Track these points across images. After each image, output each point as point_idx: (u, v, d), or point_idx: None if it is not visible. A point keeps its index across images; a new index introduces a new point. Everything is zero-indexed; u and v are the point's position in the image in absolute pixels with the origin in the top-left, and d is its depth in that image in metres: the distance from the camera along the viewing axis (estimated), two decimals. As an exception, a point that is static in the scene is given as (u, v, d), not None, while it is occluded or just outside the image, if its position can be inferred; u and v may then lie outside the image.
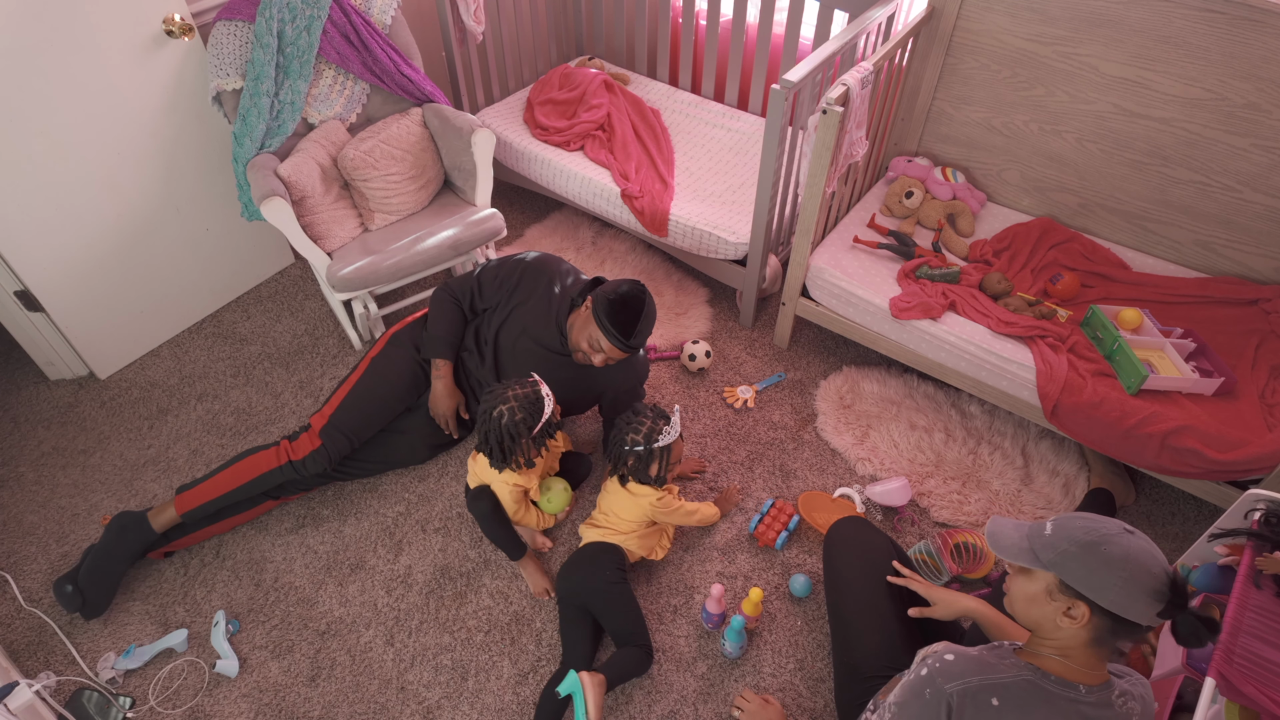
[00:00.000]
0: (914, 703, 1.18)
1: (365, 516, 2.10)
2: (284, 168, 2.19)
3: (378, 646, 1.85)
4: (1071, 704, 1.11)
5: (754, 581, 1.97)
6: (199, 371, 2.48)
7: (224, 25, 2.17)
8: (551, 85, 2.99)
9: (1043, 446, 2.24)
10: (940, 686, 1.15)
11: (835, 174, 2.15)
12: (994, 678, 1.14)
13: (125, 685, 1.79)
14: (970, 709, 1.13)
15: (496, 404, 1.77)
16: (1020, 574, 1.19)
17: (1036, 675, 1.14)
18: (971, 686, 1.14)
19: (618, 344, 1.83)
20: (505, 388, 1.79)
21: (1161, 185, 2.31)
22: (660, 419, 1.82)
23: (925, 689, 1.17)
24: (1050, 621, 1.14)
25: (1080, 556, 1.09)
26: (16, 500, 2.13)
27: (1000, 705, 1.12)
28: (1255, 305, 2.20)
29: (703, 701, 1.76)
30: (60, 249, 2.17)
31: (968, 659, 1.18)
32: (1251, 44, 1.99)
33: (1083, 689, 1.12)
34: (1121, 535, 1.09)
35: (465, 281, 2.06)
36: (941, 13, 2.37)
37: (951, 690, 1.14)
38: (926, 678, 1.18)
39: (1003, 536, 1.19)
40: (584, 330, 1.89)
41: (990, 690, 1.13)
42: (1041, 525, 1.17)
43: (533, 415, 1.76)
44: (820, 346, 2.58)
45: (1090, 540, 1.09)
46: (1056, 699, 1.12)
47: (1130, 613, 1.06)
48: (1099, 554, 1.08)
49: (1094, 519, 1.13)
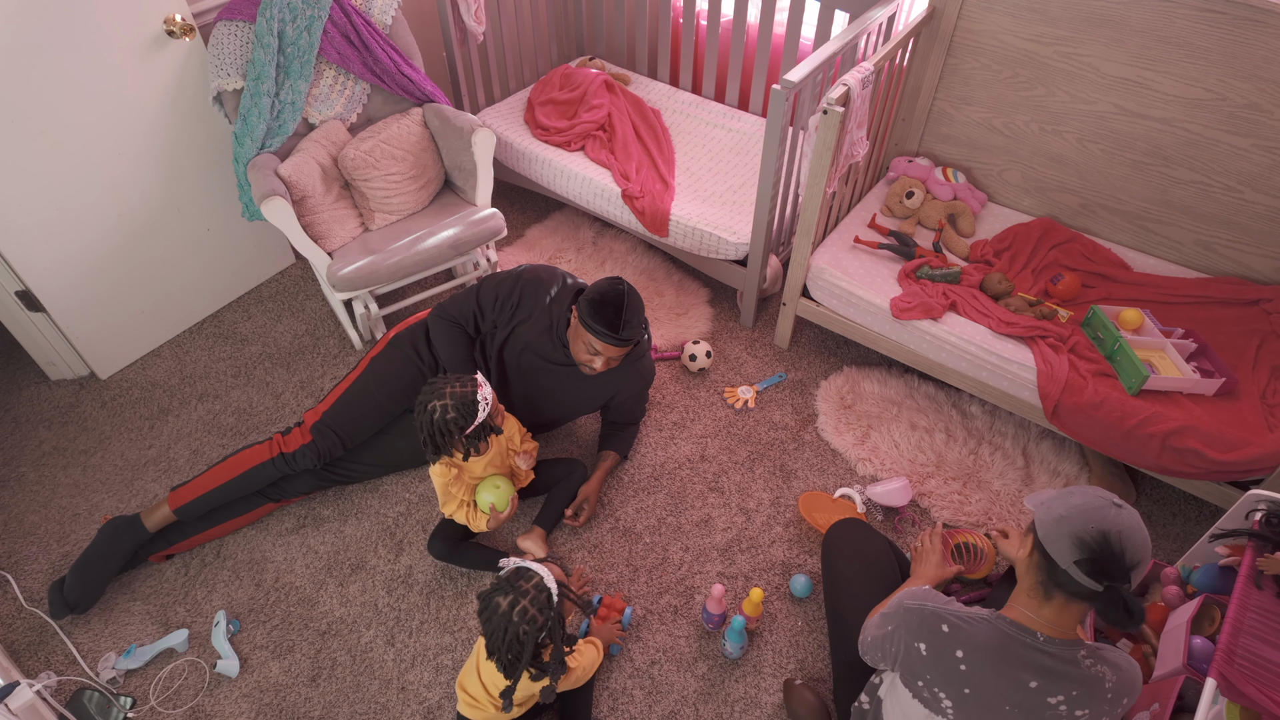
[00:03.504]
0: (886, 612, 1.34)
1: (366, 517, 2.10)
2: (285, 168, 2.19)
3: (378, 646, 1.85)
4: (1025, 648, 1.17)
5: (754, 582, 1.97)
6: (200, 371, 2.48)
7: (225, 25, 2.17)
8: (552, 85, 2.99)
9: (1044, 447, 2.24)
10: (901, 601, 1.31)
11: (836, 174, 2.15)
12: (951, 609, 1.24)
13: (126, 685, 1.79)
14: (922, 629, 1.23)
15: (431, 398, 1.72)
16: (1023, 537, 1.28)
17: (995, 618, 1.21)
18: (926, 609, 1.25)
19: (609, 340, 1.79)
20: (445, 383, 1.73)
21: (1162, 185, 2.30)
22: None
23: (894, 600, 1.34)
24: (1022, 562, 1.22)
25: (1053, 497, 1.19)
26: (17, 500, 2.13)
27: (950, 631, 1.21)
28: (1256, 305, 2.20)
29: (703, 702, 1.76)
30: (61, 249, 2.17)
31: (936, 595, 1.30)
32: (1252, 44, 1.99)
33: (1040, 636, 1.17)
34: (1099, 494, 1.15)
35: (464, 304, 1.99)
36: (942, 13, 2.37)
37: (909, 605, 1.28)
38: (900, 594, 1.34)
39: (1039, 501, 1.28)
40: (578, 339, 1.86)
41: (941, 617, 1.23)
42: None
43: (464, 416, 1.70)
44: (821, 347, 2.58)
45: (1071, 489, 1.19)
46: (1011, 640, 1.18)
47: (1052, 547, 1.13)
48: (1064, 494, 1.18)
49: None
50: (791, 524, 2.09)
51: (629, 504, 2.14)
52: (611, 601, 1.87)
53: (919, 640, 1.23)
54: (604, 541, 2.05)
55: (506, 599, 1.40)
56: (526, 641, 1.40)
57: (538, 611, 1.40)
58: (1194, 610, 1.50)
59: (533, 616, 1.39)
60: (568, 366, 1.98)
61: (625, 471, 2.22)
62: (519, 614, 1.39)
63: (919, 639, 1.23)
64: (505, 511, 1.87)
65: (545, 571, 1.46)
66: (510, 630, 1.39)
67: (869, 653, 1.37)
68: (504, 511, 1.87)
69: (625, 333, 1.79)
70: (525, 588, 1.42)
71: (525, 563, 1.47)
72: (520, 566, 1.46)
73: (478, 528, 1.90)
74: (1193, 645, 1.43)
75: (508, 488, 1.87)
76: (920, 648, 1.22)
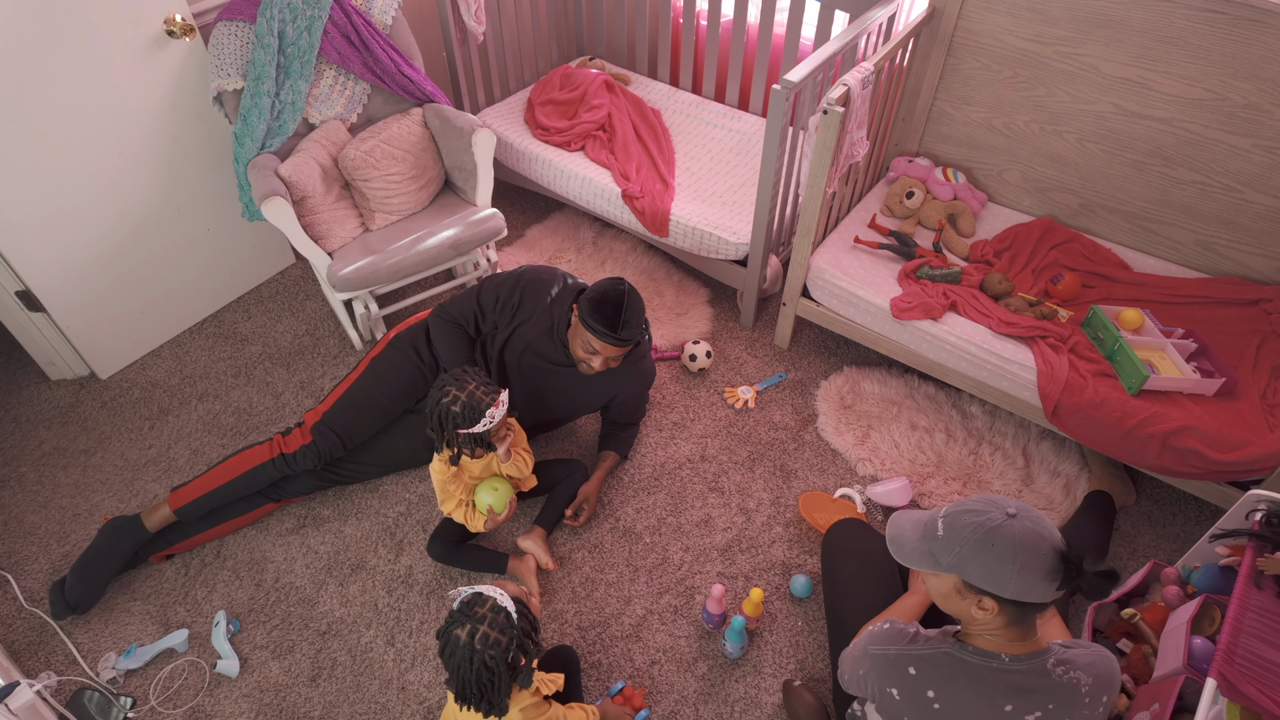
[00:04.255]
0: (855, 656, 1.32)
1: (366, 517, 2.10)
2: (285, 168, 2.19)
3: (378, 647, 1.85)
4: (994, 672, 1.17)
5: (754, 582, 1.97)
6: (200, 371, 2.48)
7: (225, 25, 2.17)
8: (552, 85, 2.99)
9: (1044, 447, 2.24)
10: (867, 648, 1.28)
11: (836, 174, 2.15)
12: (912, 649, 1.23)
13: (126, 685, 1.79)
14: (891, 675, 1.22)
15: (451, 386, 1.70)
16: (929, 573, 1.23)
17: (955, 648, 1.20)
18: (890, 654, 1.24)
19: (609, 340, 1.79)
20: (471, 379, 1.71)
21: (1162, 185, 2.30)
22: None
23: (861, 644, 1.31)
24: (967, 613, 1.19)
25: (974, 556, 1.12)
26: (18, 500, 2.13)
27: (917, 675, 1.20)
28: (1256, 305, 2.20)
29: (703, 702, 1.76)
30: (61, 249, 2.17)
31: (897, 631, 1.28)
32: (1252, 44, 1.99)
33: (1005, 658, 1.17)
34: (1006, 524, 1.11)
35: (464, 305, 1.99)
36: (942, 13, 2.37)
37: (874, 652, 1.26)
38: (866, 636, 1.32)
39: (904, 543, 1.23)
40: (577, 338, 1.86)
41: (907, 660, 1.22)
42: (934, 524, 1.19)
43: (466, 419, 1.69)
44: (821, 347, 2.58)
45: (978, 539, 1.12)
46: (978, 669, 1.17)
47: (1032, 596, 1.11)
48: (990, 551, 1.11)
49: (978, 508, 1.15)
50: (792, 524, 2.09)
51: (629, 504, 2.14)
52: (632, 695, 1.75)
53: (890, 686, 1.23)
54: (604, 541, 2.05)
55: (464, 629, 1.32)
56: (496, 667, 1.31)
57: (499, 633, 1.32)
58: (1194, 610, 1.50)
59: (495, 640, 1.31)
60: (568, 367, 1.98)
61: (625, 471, 2.22)
62: (480, 640, 1.31)
63: (889, 684, 1.23)
64: (503, 514, 1.87)
65: (498, 592, 1.38)
66: (476, 659, 1.30)
67: (849, 689, 1.35)
68: (501, 514, 1.86)
69: (624, 333, 1.79)
70: (481, 613, 1.33)
71: (474, 589, 1.39)
72: (470, 595, 1.38)
73: (475, 528, 1.89)
74: (1193, 645, 1.43)
75: (506, 490, 1.87)
76: (893, 693, 1.23)
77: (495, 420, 1.70)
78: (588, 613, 1.91)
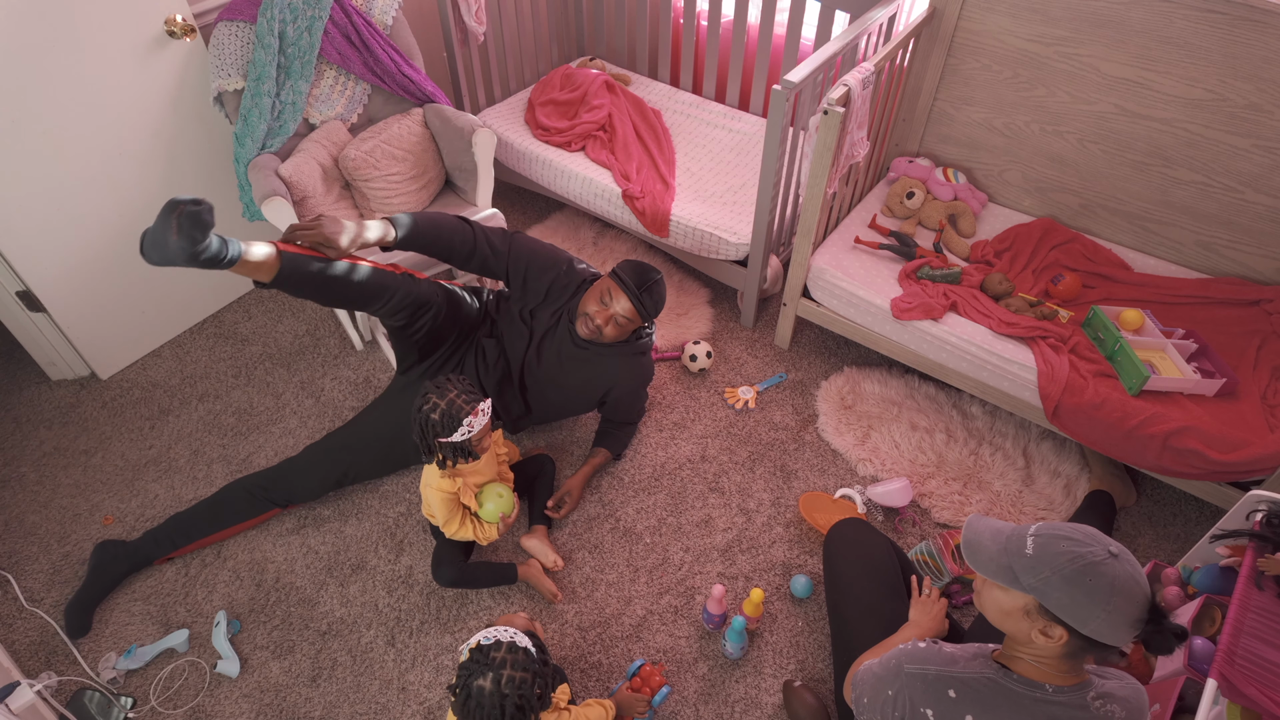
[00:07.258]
0: (881, 674, 1.25)
1: (366, 517, 2.10)
2: (285, 168, 2.19)
3: (379, 647, 1.85)
4: (1036, 703, 1.12)
5: (755, 582, 1.96)
6: (200, 372, 2.48)
7: (225, 26, 2.17)
8: (553, 86, 2.99)
9: (1044, 447, 2.24)
10: (901, 665, 1.21)
11: (836, 175, 2.15)
12: (954, 671, 1.17)
13: (126, 685, 1.79)
14: (928, 696, 1.16)
15: (433, 394, 1.70)
16: (995, 585, 1.15)
17: (999, 674, 1.15)
18: (929, 674, 1.18)
19: (629, 293, 1.90)
20: (453, 387, 1.70)
21: (1163, 186, 2.30)
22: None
23: (892, 662, 1.24)
24: (1024, 635, 1.12)
25: (1064, 586, 1.06)
26: (18, 500, 2.13)
27: (958, 698, 1.14)
28: (1257, 306, 2.20)
29: (703, 702, 1.76)
30: (62, 249, 2.17)
31: (935, 651, 1.22)
32: (1252, 44, 1.99)
33: (1050, 688, 1.12)
34: (1107, 562, 1.05)
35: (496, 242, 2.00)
36: (943, 13, 2.37)
37: (911, 671, 1.19)
38: (896, 654, 1.24)
39: (981, 550, 1.16)
40: (596, 291, 1.94)
41: (947, 682, 1.16)
42: (1022, 540, 1.12)
43: (445, 427, 1.68)
44: (821, 347, 2.58)
45: (1075, 570, 1.05)
46: (1021, 698, 1.12)
47: (1111, 639, 1.06)
48: (1084, 586, 1.04)
49: (1078, 539, 1.08)
50: (792, 524, 2.09)
51: (629, 504, 2.14)
52: (651, 673, 1.74)
53: (925, 706, 1.16)
54: (604, 542, 2.05)
55: (487, 678, 1.28)
56: (526, 704, 1.29)
57: (523, 671, 1.30)
58: (1195, 611, 1.50)
59: (521, 679, 1.29)
60: (570, 358, 2.01)
61: (625, 472, 2.22)
62: (508, 684, 1.28)
63: (925, 705, 1.16)
64: (512, 515, 1.89)
65: (509, 632, 1.36)
66: (508, 705, 1.27)
67: (865, 713, 1.27)
68: (510, 515, 1.89)
69: (645, 297, 1.90)
70: (499, 657, 1.30)
71: (482, 635, 1.36)
72: (478, 647, 1.34)
73: (487, 539, 1.90)
74: (1193, 646, 1.43)
75: (507, 491, 1.88)
76: (928, 714, 1.16)
77: (474, 430, 1.69)
78: (588, 613, 1.91)
